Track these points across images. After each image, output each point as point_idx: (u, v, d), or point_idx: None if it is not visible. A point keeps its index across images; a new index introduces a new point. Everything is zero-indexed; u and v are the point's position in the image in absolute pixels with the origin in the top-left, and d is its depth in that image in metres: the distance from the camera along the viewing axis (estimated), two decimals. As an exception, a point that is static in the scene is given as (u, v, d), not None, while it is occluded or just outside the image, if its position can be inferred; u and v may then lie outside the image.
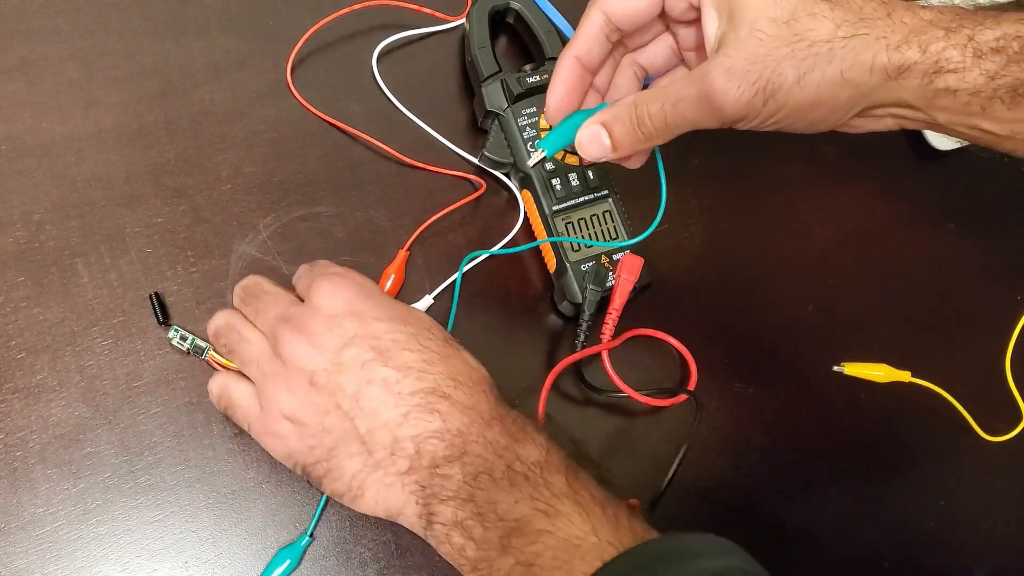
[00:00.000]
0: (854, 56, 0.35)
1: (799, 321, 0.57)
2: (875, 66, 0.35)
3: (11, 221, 0.49)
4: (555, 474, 0.39)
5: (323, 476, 0.41)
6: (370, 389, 0.41)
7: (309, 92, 0.55)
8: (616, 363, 0.51)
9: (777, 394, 0.55)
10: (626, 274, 0.51)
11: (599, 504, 0.39)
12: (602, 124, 0.39)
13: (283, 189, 0.52)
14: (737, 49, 0.36)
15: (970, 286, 0.60)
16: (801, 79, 0.35)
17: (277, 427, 0.42)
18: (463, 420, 0.40)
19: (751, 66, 0.35)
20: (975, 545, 0.55)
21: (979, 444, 0.56)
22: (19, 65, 0.52)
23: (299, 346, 0.42)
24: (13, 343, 0.47)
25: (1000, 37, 0.35)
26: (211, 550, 0.46)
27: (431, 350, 0.42)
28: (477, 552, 0.38)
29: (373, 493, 0.41)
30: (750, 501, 0.53)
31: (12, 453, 0.45)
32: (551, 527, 0.37)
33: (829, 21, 0.35)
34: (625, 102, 0.39)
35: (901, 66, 0.35)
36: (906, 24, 0.36)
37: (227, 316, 0.46)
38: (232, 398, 0.44)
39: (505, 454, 0.39)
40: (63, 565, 0.44)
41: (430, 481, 0.40)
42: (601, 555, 0.36)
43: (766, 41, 0.35)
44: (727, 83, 0.36)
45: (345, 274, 0.45)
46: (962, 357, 0.58)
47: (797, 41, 0.35)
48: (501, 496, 0.38)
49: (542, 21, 0.57)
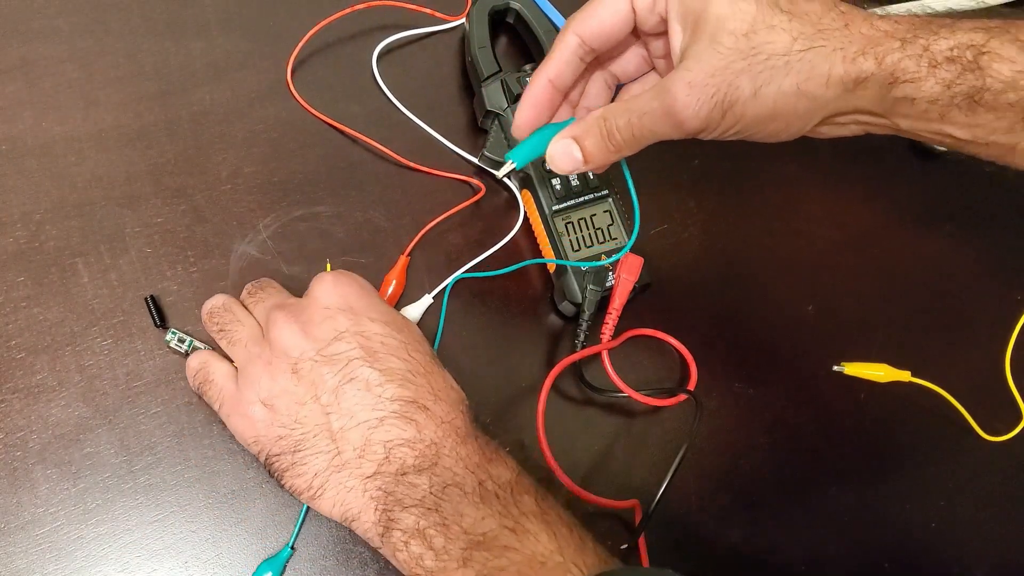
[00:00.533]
0: (810, 69, 0.36)
1: (799, 321, 0.57)
2: (831, 78, 0.36)
3: (11, 221, 0.49)
4: (524, 495, 0.39)
5: (286, 470, 0.41)
6: (351, 387, 0.41)
7: (309, 92, 0.55)
8: (616, 363, 0.51)
9: (777, 394, 0.55)
10: (626, 274, 0.51)
11: (566, 525, 0.39)
12: (573, 138, 0.39)
13: (283, 189, 0.53)
14: (698, 62, 0.36)
15: (970, 286, 0.60)
16: (757, 92, 0.36)
17: (250, 409, 0.42)
18: (438, 433, 0.40)
19: (709, 79, 0.36)
20: (975, 545, 0.55)
21: (979, 444, 0.56)
22: (19, 65, 0.52)
23: (289, 331, 0.42)
24: (13, 343, 0.47)
25: (954, 47, 0.36)
26: (211, 550, 0.46)
27: (417, 362, 0.42)
28: (436, 562, 0.38)
29: (332, 495, 0.41)
30: (750, 501, 0.53)
31: (12, 453, 0.45)
32: (517, 544, 0.37)
33: (787, 34, 0.36)
34: (594, 116, 0.39)
35: (858, 78, 0.36)
36: (863, 35, 0.36)
37: (224, 298, 0.46)
38: (210, 374, 0.44)
39: (477, 471, 0.40)
40: (63, 565, 0.44)
41: (395, 487, 0.39)
42: (564, 574, 0.36)
43: (725, 54, 0.36)
44: (687, 97, 0.36)
45: (346, 272, 0.45)
46: (962, 357, 0.58)
47: (755, 54, 0.36)
48: (469, 510, 0.38)
49: (542, 21, 0.57)
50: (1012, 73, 0.36)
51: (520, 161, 0.43)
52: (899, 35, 0.36)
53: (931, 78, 0.36)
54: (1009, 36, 0.36)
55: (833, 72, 0.36)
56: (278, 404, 0.41)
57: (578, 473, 0.50)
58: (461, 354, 0.52)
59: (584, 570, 0.37)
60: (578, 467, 0.51)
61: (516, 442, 0.50)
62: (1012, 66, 0.36)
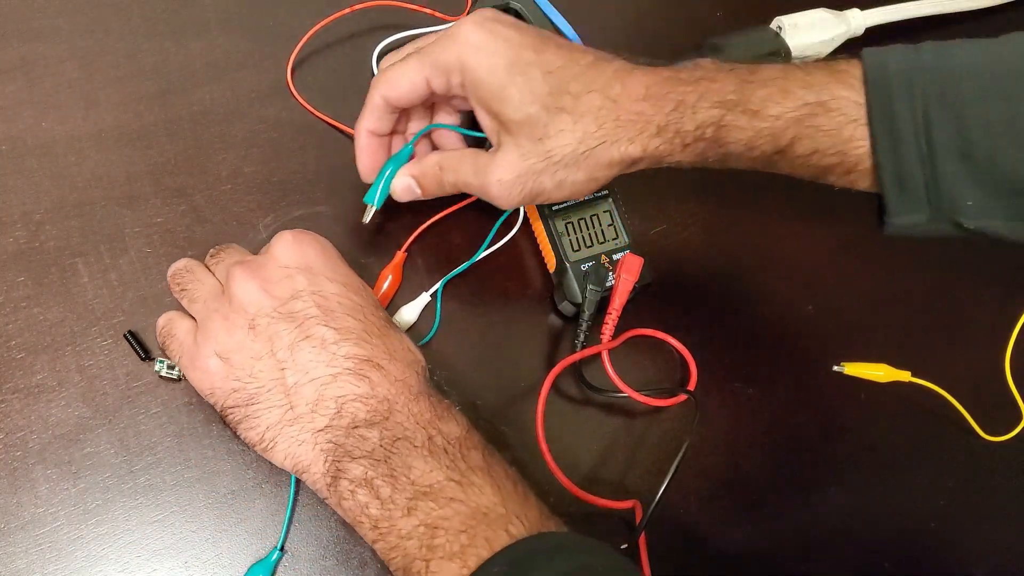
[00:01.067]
0: (595, 162, 0.44)
1: (799, 321, 0.57)
2: (612, 163, 0.45)
3: (11, 221, 0.49)
4: (472, 450, 0.41)
5: (240, 422, 0.43)
6: (307, 344, 0.42)
7: (309, 92, 0.55)
8: (616, 363, 0.51)
9: (777, 394, 0.55)
10: (626, 274, 0.51)
11: (511, 481, 0.40)
12: (412, 177, 0.48)
13: (283, 189, 0.53)
14: (505, 161, 0.44)
15: (969, 285, 0.60)
16: (558, 185, 0.45)
17: (206, 363, 0.43)
18: (391, 390, 0.42)
19: (516, 179, 0.44)
20: (975, 545, 0.55)
21: (979, 444, 0.56)
22: (19, 65, 0.52)
23: (248, 286, 0.43)
24: (13, 343, 0.47)
25: (698, 127, 0.44)
26: (211, 550, 0.46)
27: (372, 323, 0.43)
28: (381, 511, 0.39)
29: (284, 447, 0.42)
30: (750, 501, 0.53)
31: (12, 453, 0.45)
32: (462, 496, 0.39)
33: (571, 136, 0.43)
34: (431, 162, 0.47)
35: (632, 160, 0.45)
36: (632, 124, 0.44)
37: (187, 261, 0.48)
38: (172, 329, 0.46)
39: (428, 427, 0.41)
40: (63, 565, 0.44)
41: (345, 440, 0.41)
42: (506, 525, 0.38)
43: (527, 156, 0.44)
44: (499, 190, 0.45)
45: (307, 232, 0.46)
46: (962, 357, 0.58)
47: (550, 157, 0.44)
48: (417, 463, 0.40)
49: (542, 21, 0.57)
50: (746, 138, 0.44)
51: (378, 202, 0.48)
52: (657, 121, 0.44)
53: (684, 153, 0.45)
54: (741, 107, 0.43)
55: (613, 159, 0.44)
56: (234, 358, 0.42)
57: (578, 473, 0.51)
58: (461, 354, 0.52)
59: (525, 523, 0.38)
60: (578, 467, 0.51)
61: (516, 442, 0.50)
62: (744, 133, 0.44)
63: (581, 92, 0.43)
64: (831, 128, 0.44)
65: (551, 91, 0.43)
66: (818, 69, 0.45)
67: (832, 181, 0.46)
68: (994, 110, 0.41)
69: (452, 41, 0.44)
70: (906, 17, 0.65)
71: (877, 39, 0.64)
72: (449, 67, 0.44)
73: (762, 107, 0.44)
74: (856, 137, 0.44)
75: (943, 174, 0.43)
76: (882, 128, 0.43)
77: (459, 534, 0.38)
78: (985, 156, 0.42)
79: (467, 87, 0.44)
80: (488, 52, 0.43)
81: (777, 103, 0.44)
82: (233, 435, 0.43)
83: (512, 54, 0.43)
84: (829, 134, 0.44)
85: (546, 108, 0.43)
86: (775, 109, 0.44)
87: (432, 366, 0.46)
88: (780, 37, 0.61)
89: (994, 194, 0.42)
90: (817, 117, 0.43)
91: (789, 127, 0.44)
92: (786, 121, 0.44)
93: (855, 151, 0.44)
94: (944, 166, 0.43)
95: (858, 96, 0.43)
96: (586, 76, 0.44)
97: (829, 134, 0.44)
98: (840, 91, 0.43)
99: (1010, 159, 0.41)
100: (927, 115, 0.42)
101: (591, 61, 0.44)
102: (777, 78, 0.44)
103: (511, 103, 0.43)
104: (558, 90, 0.43)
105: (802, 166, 0.45)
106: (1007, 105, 0.41)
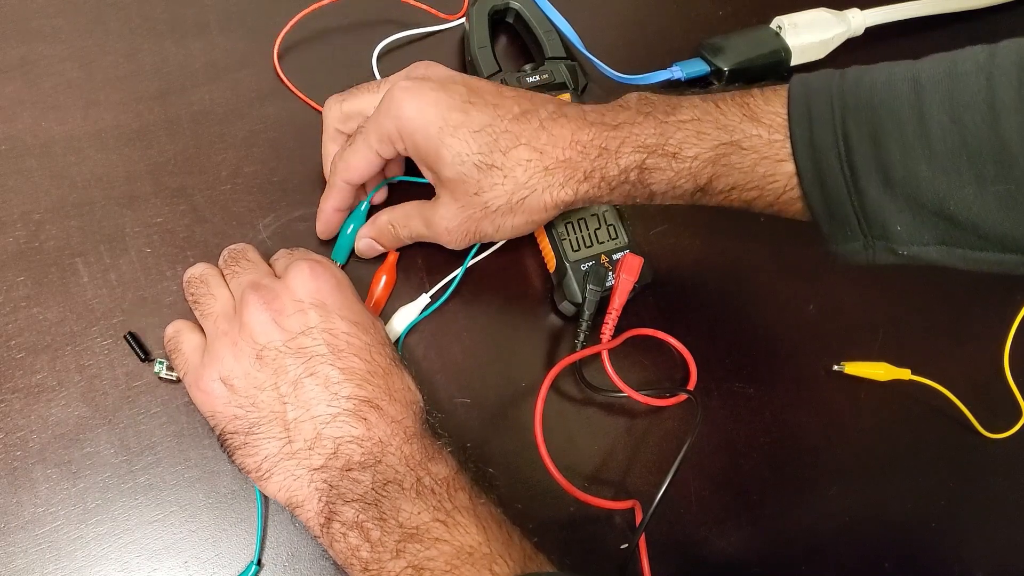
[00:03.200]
0: (530, 208, 0.47)
1: (799, 321, 0.57)
2: (547, 207, 0.47)
3: (11, 221, 0.49)
4: (459, 491, 0.41)
5: (238, 448, 0.43)
6: (311, 381, 0.42)
7: (309, 92, 0.55)
8: (616, 363, 0.51)
9: (777, 394, 0.55)
10: (626, 274, 0.51)
11: (496, 521, 0.41)
12: (372, 239, 0.51)
13: (283, 189, 0.53)
14: (448, 213, 0.48)
15: (968, 283, 0.60)
16: (497, 229, 0.48)
17: (210, 385, 0.43)
18: (386, 432, 0.42)
19: (460, 226, 0.48)
20: (975, 545, 0.55)
21: (980, 442, 0.56)
22: (19, 65, 0.52)
23: (260, 317, 0.43)
24: (13, 343, 0.47)
25: (622, 171, 0.46)
26: (211, 550, 0.46)
27: (378, 364, 0.44)
28: (371, 553, 0.40)
29: (279, 480, 0.42)
30: (750, 501, 0.53)
31: (12, 453, 0.45)
32: (448, 536, 0.39)
33: (503, 189, 0.46)
34: (383, 222, 0.51)
35: (565, 203, 0.47)
36: (560, 171, 0.46)
37: (203, 268, 0.47)
38: (180, 342, 0.46)
39: (417, 468, 0.42)
40: (63, 565, 0.44)
41: (339, 482, 0.41)
42: (491, 564, 0.38)
43: (465, 207, 0.47)
44: (448, 236, 0.49)
45: (325, 263, 0.46)
46: (962, 354, 0.58)
47: (487, 206, 0.47)
48: (406, 505, 0.40)
49: (542, 21, 0.57)
50: (667, 178, 0.46)
51: (343, 259, 0.52)
52: (583, 167, 0.46)
53: (611, 195, 0.47)
54: (660, 151, 0.45)
55: (547, 204, 0.47)
56: (237, 384, 0.43)
57: (578, 473, 0.50)
58: (461, 354, 0.52)
59: (508, 563, 0.39)
60: (578, 467, 0.51)
61: (515, 442, 0.50)
62: (664, 173, 0.46)
63: (509, 147, 0.45)
64: (745, 166, 0.46)
65: (480, 149, 0.45)
66: (734, 108, 0.46)
67: (758, 211, 0.48)
68: (909, 132, 0.42)
69: (386, 116, 0.46)
70: (906, 17, 0.65)
71: (877, 39, 0.65)
72: (392, 138, 0.47)
73: (679, 149, 0.46)
74: (770, 173, 0.46)
75: (869, 199, 0.43)
76: (805, 157, 0.44)
77: (444, 574, 0.38)
78: (904, 179, 0.42)
79: (409, 151, 0.47)
80: (420, 120, 0.45)
81: (693, 144, 0.45)
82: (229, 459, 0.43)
83: (441, 119, 0.45)
84: (744, 171, 0.46)
85: (477, 166, 0.45)
86: (691, 151, 0.45)
87: (433, 354, 0.46)
88: (780, 37, 0.61)
89: (920, 217, 0.42)
90: (731, 156, 0.45)
91: (706, 167, 0.46)
92: (703, 161, 0.46)
93: (770, 186, 0.46)
94: (868, 191, 0.43)
95: (770, 133, 0.45)
96: (513, 131, 0.46)
97: (744, 171, 0.46)
98: (752, 130, 0.45)
99: (928, 181, 0.41)
100: (847, 140, 0.43)
101: (517, 114, 0.46)
102: (693, 120, 0.46)
103: (445, 164, 0.46)
104: (487, 148, 0.45)
105: (724, 200, 0.48)
106: (921, 126, 0.41)
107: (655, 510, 0.46)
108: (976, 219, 0.41)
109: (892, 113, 0.42)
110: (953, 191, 0.41)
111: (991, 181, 0.40)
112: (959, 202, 0.41)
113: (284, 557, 0.46)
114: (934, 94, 0.41)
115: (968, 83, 0.41)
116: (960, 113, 0.41)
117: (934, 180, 0.41)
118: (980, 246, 0.42)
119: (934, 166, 0.41)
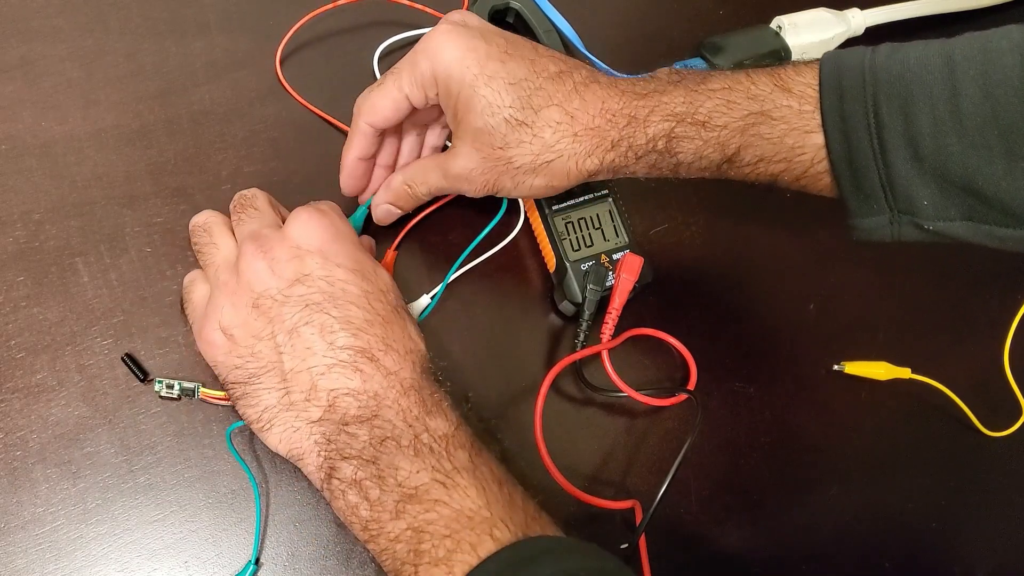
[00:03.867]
0: (553, 172, 0.46)
1: (799, 321, 0.57)
2: (570, 174, 0.46)
3: (11, 221, 0.49)
4: (459, 449, 0.41)
5: (239, 398, 0.43)
6: (307, 330, 0.42)
7: (309, 92, 0.55)
8: (616, 363, 0.51)
9: (777, 394, 0.55)
10: (626, 273, 0.51)
11: (497, 482, 0.40)
12: (390, 203, 0.51)
13: (283, 189, 0.52)
14: (468, 160, 0.46)
15: (968, 281, 0.60)
16: (517, 186, 0.47)
17: (212, 335, 0.43)
18: (382, 384, 0.42)
19: (479, 176, 0.47)
20: (975, 545, 0.55)
21: (980, 440, 0.56)
22: (19, 65, 0.52)
23: (257, 265, 0.43)
24: (13, 343, 0.47)
25: (650, 140, 0.46)
26: (211, 550, 0.46)
27: (377, 312, 0.43)
28: (370, 513, 0.39)
29: (279, 431, 0.42)
30: (750, 501, 0.53)
31: (12, 453, 0.45)
32: (447, 498, 0.39)
33: (530, 148, 0.45)
34: (398, 183, 0.50)
35: (589, 172, 0.47)
36: (588, 139, 0.45)
37: (208, 216, 0.48)
38: (191, 293, 0.46)
39: (415, 424, 0.41)
40: (63, 565, 0.44)
41: (336, 436, 0.41)
42: (490, 529, 0.38)
43: (488, 159, 0.46)
44: (468, 184, 0.47)
45: (328, 212, 0.46)
46: (962, 353, 0.58)
47: (509, 162, 0.46)
48: (404, 463, 0.40)
49: (542, 21, 0.57)
50: (695, 147, 0.46)
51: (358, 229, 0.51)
52: (611, 136, 0.45)
53: (638, 165, 0.47)
54: (689, 119, 0.45)
55: (570, 171, 0.46)
56: (236, 334, 0.43)
57: (578, 473, 0.50)
58: (461, 354, 0.52)
59: (510, 527, 0.38)
60: (578, 467, 0.51)
61: (515, 442, 0.50)
62: (692, 143, 0.46)
63: (541, 106, 0.45)
64: (774, 137, 0.45)
65: (512, 103, 0.45)
66: (765, 78, 0.46)
67: (784, 187, 0.48)
68: (940, 107, 0.42)
69: (423, 56, 0.45)
70: (906, 17, 0.65)
71: (877, 38, 0.64)
72: (424, 81, 0.46)
73: (709, 118, 0.45)
74: (799, 145, 0.45)
75: (897, 173, 0.43)
76: (835, 129, 0.44)
77: (443, 539, 0.38)
78: (933, 153, 0.42)
79: (440, 96, 0.46)
80: (458, 65, 0.44)
81: (723, 113, 0.45)
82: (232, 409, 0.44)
83: (478, 66, 0.44)
84: (772, 142, 0.45)
85: (507, 120, 0.45)
86: (721, 119, 0.45)
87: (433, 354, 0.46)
88: (780, 36, 0.61)
89: (947, 193, 0.43)
90: (760, 126, 0.45)
91: (734, 136, 0.45)
92: (732, 131, 0.45)
93: (798, 158, 0.46)
94: (897, 165, 0.43)
95: (800, 104, 0.45)
96: (547, 89, 0.45)
97: (772, 142, 0.45)
98: (783, 100, 0.45)
99: (958, 156, 0.41)
100: (878, 114, 0.43)
101: (553, 73, 0.46)
102: (723, 88, 0.46)
103: (475, 112, 0.45)
104: (520, 103, 0.45)
105: (750, 173, 0.47)
106: (953, 101, 0.41)
107: (655, 510, 0.46)
108: (1004, 195, 0.41)
109: (924, 88, 0.42)
110: (982, 166, 0.41)
111: (1021, 157, 0.40)
112: (988, 178, 0.41)
113: (283, 557, 0.46)
114: (968, 70, 0.41)
115: (1003, 60, 0.41)
116: (993, 89, 0.41)
117: (964, 155, 0.41)
118: (1006, 223, 0.42)
119: (964, 141, 0.41)
